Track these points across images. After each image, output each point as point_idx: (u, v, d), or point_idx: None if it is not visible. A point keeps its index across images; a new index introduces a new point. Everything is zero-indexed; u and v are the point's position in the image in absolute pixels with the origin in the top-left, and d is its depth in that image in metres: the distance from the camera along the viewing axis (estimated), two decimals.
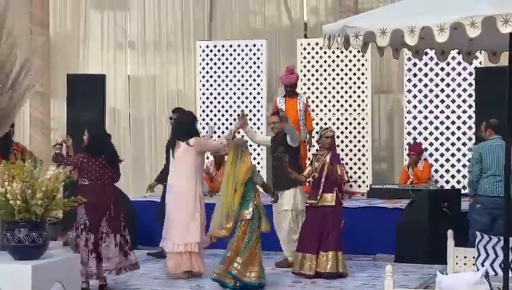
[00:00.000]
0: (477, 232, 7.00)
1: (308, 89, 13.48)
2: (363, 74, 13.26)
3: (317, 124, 13.11)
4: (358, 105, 13.30)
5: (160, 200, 10.49)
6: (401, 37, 5.81)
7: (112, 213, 8.31)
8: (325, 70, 13.48)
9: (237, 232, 8.30)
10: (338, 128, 13.33)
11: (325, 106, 13.38)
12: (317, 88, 13.49)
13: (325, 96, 13.43)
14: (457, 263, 7.07)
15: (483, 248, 6.79)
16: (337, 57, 13.32)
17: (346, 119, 13.36)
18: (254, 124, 13.62)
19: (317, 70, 13.53)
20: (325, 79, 13.47)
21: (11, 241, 5.58)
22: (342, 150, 13.22)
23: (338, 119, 13.37)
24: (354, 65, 13.28)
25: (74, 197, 5.85)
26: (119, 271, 8.41)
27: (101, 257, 8.25)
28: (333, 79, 13.43)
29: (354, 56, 13.13)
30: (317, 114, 13.38)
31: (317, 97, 13.46)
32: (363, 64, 13.19)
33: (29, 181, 5.53)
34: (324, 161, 9.24)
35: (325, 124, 13.05)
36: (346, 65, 13.29)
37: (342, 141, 13.32)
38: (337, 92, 13.41)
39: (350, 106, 13.35)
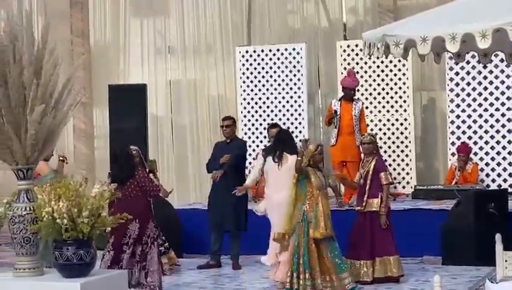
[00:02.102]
0: None
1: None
2: (404, 74, 13.19)
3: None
4: (400, 106, 13.23)
5: (208, 208, 10.55)
6: (442, 41, 5.77)
7: (134, 230, 8.31)
8: (365, 72, 13.42)
9: (297, 236, 8.31)
10: (380, 129, 13.27)
11: (367, 107, 13.30)
12: (358, 90, 13.40)
13: (366, 98, 13.36)
14: (506, 267, 6.97)
15: None
16: (377, 58, 13.20)
17: (389, 120, 13.29)
18: (296, 127, 13.60)
19: (357, 72, 13.45)
20: (366, 80, 13.41)
21: (59, 260, 5.62)
22: (385, 151, 13.16)
23: (380, 120, 13.29)
24: (395, 65, 13.21)
25: (119, 214, 5.86)
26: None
27: (146, 269, 8.27)
28: (374, 80, 13.38)
29: (395, 56, 13.01)
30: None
31: (359, 98, 13.37)
32: (404, 65, 13.10)
33: (75, 200, 5.56)
34: (369, 167, 9.21)
35: (367, 125, 12.97)
36: (386, 66, 13.22)
37: (385, 142, 13.25)
38: (378, 93, 13.35)
39: (392, 106, 13.29)
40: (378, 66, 13.30)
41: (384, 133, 13.28)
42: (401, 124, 13.23)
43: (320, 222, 8.25)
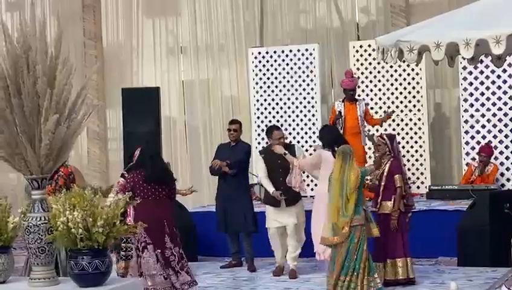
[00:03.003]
0: None
1: (363, 91, 13.39)
2: (417, 73, 13.15)
3: (373, 126, 13.02)
4: (414, 105, 13.18)
5: (216, 209, 10.61)
6: (455, 46, 5.75)
7: (167, 229, 8.32)
8: (378, 72, 13.38)
9: (354, 239, 8.18)
10: (394, 129, 13.22)
11: (380, 107, 13.28)
12: (371, 90, 13.41)
13: (380, 98, 13.34)
14: None
15: None
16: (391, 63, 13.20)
17: (402, 120, 13.25)
18: (309, 128, 13.59)
19: (370, 72, 13.44)
20: (379, 81, 13.38)
21: (74, 269, 5.62)
22: (399, 152, 13.09)
23: (394, 120, 13.24)
24: (408, 65, 13.12)
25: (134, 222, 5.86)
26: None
27: (176, 270, 8.27)
28: (387, 80, 13.34)
29: (408, 62, 12.97)
30: (372, 116, 13.27)
31: (371, 99, 13.37)
32: (416, 64, 13.01)
33: (90, 209, 5.57)
34: (384, 169, 9.17)
35: (381, 126, 12.95)
36: (399, 66, 13.15)
37: (399, 142, 13.18)
38: (392, 93, 13.32)
39: (405, 106, 13.25)
40: (391, 66, 13.23)
41: (398, 133, 13.23)
42: (415, 124, 13.19)
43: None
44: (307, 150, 12.69)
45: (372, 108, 13.29)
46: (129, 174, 8.79)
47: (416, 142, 13.19)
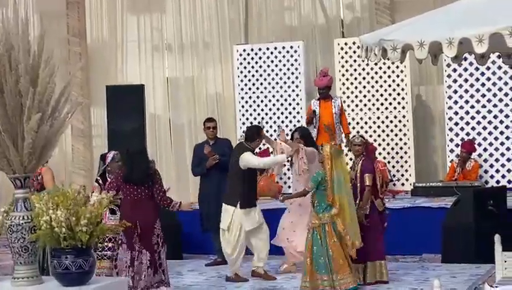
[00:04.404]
0: None
1: (348, 88, 13.42)
2: (402, 71, 13.18)
3: (357, 123, 13.05)
4: (399, 102, 13.21)
5: (200, 208, 10.59)
6: (439, 45, 5.75)
7: (139, 230, 8.11)
8: (363, 69, 13.41)
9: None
10: (379, 126, 13.27)
11: (365, 105, 13.31)
12: (356, 87, 13.43)
13: (365, 96, 13.37)
14: (506, 268, 6.97)
15: None
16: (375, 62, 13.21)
17: (387, 117, 13.28)
18: (294, 125, 13.58)
19: (355, 70, 13.46)
20: (364, 78, 13.42)
21: (58, 268, 5.61)
22: (384, 149, 13.18)
23: (379, 117, 13.28)
24: (393, 62, 13.14)
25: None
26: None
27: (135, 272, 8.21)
28: (372, 78, 13.37)
29: (392, 61, 12.98)
30: (357, 114, 13.32)
31: (356, 96, 13.39)
32: (401, 62, 13.02)
33: (73, 208, 5.56)
34: (357, 169, 9.09)
35: (366, 123, 12.99)
36: (384, 63, 13.17)
37: (384, 140, 13.25)
38: (377, 91, 13.35)
39: (390, 103, 13.28)
40: (376, 63, 13.22)
41: (383, 131, 13.28)
42: (400, 121, 13.22)
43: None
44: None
45: (357, 105, 13.34)
46: (112, 174, 8.77)
47: (401, 139, 13.22)
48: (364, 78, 13.41)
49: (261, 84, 13.85)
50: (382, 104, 13.30)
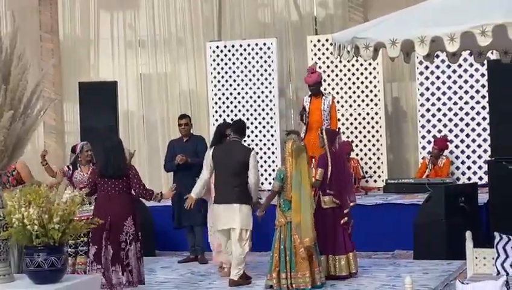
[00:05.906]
0: (495, 233, 6.95)
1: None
2: (374, 68, 13.24)
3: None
4: (371, 99, 13.27)
5: (172, 205, 10.59)
6: (411, 42, 5.79)
7: (107, 226, 7.97)
8: (336, 66, 13.46)
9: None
10: (352, 123, 13.32)
11: (338, 102, 13.33)
12: (329, 84, 13.46)
13: (337, 92, 13.40)
14: (476, 264, 7.04)
15: (502, 249, 6.78)
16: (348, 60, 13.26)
17: (360, 114, 13.34)
18: (267, 122, 13.63)
19: (328, 67, 13.52)
20: (337, 75, 13.48)
21: (30, 266, 5.60)
22: (357, 145, 13.23)
23: (351, 114, 13.34)
24: (365, 60, 13.20)
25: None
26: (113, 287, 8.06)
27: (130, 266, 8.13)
28: (344, 75, 13.42)
29: (364, 58, 13.03)
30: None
31: (329, 93, 13.39)
32: (373, 60, 13.10)
33: (46, 206, 5.55)
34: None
35: (339, 120, 12.99)
36: (357, 60, 13.18)
37: (356, 136, 13.31)
38: (349, 88, 13.40)
39: (363, 100, 13.34)
40: (348, 60, 13.22)
41: (356, 127, 13.34)
42: (372, 118, 13.28)
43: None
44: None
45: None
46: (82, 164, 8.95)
47: (373, 136, 13.28)
48: (337, 75, 13.47)
49: (234, 81, 13.86)
50: (355, 101, 13.36)
